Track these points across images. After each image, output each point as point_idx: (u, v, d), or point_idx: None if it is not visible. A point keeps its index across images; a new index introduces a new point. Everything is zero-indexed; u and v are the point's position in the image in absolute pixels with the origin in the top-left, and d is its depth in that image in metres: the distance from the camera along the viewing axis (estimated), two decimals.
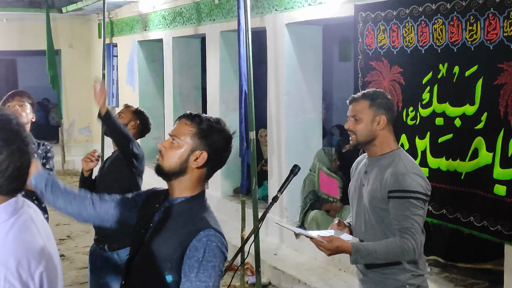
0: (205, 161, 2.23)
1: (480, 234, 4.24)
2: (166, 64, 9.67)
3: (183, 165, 2.22)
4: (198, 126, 2.24)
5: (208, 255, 2.09)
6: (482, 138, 4.18)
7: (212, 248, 2.11)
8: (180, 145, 2.22)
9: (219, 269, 2.12)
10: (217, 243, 2.12)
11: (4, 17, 12.45)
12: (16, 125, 1.61)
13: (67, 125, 13.48)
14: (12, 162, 1.57)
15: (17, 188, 1.62)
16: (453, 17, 4.33)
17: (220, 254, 2.13)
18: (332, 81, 10.24)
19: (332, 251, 2.88)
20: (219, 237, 2.15)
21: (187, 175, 2.24)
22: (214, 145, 2.24)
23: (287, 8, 6.41)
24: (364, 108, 2.99)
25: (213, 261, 2.10)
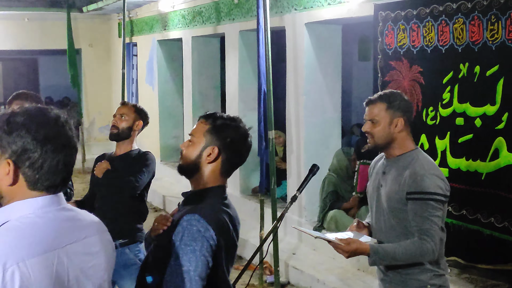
0: (216, 156, 2.28)
1: (500, 235, 4.20)
2: (186, 63, 9.70)
3: (197, 160, 2.29)
4: (212, 123, 2.30)
5: (187, 238, 2.10)
6: (503, 138, 4.15)
7: (191, 232, 2.11)
8: (195, 142, 2.30)
9: (201, 254, 2.09)
10: (198, 227, 2.12)
11: (26, 17, 12.58)
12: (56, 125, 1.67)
13: (87, 123, 13.59)
14: (47, 159, 1.63)
15: (54, 185, 1.67)
16: (474, 16, 4.30)
17: (201, 239, 2.11)
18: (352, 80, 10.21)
19: (350, 253, 2.88)
20: (203, 223, 2.13)
21: (201, 170, 2.30)
22: (227, 141, 2.29)
23: (307, 7, 6.40)
24: (381, 111, 2.97)
25: (192, 245, 2.09)
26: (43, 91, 16.91)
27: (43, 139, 1.63)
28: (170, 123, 10.93)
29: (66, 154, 1.68)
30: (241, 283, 3.41)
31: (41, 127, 1.63)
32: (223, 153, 2.29)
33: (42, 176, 1.64)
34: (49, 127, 1.65)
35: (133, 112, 4.17)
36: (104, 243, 1.78)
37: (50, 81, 16.98)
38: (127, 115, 4.15)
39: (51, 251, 1.60)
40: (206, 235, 2.12)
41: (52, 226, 1.64)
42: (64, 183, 1.70)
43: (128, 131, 4.13)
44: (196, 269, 2.08)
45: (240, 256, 6.67)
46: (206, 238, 2.12)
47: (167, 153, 10.92)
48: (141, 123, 4.18)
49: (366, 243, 2.90)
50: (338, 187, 6.38)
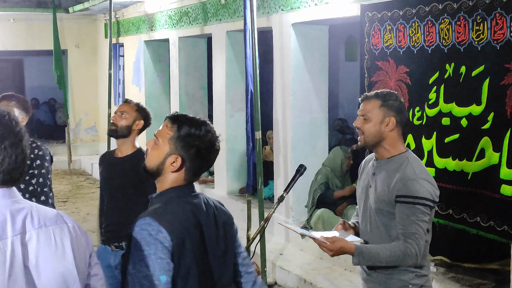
0: (180, 166, 2.23)
1: (486, 234, 4.23)
2: (172, 64, 9.68)
3: (160, 167, 2.25)
4: (177, 130, 2.23)
5: (140, 244, 2.07)
6: (488, 138, 4.17)
7: (143, 236, 2.07)
8: (159, 146, 2.25)
9: (157, 257, 2.06)
10: (149, 231, 2.08)
11: (11, 17, 12.50)
12: (9, 120, 1.72)
13: (73, 125, 13.52)
14: (7, 156, 1.70)
15: (12, 179, 1.73)
16: (460, 17, 4.32)
17: (154, 242, 2.07)
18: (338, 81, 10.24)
19: (335, 252, 2.89)
20: (155, 225, 2.09)
21: (164, 176, 2.25)
22: (191, 151, 2.22)
23: (293, 8, 6.41)
24: (374, 108, 2.98)
25: (146, 250, 2.06)
26: (28, 92, 16.78)
27: (1, 136, 1.69)
28: (157, 124, 10.66)
29: (22, 150, 1.74)
30: None
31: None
32: (186, 162, 2.23)
33: (3, 172, 1.70)
34: (3, 124, 1.71)
35: (134, 111, 4.07)
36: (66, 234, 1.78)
37: (35, 82, 16.86)
38: (128, 113, 4.05)
39: (3, 240, 1.65)
40: (159, 237, 2.08)
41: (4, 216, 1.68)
42: (21, 177, 1.76)
43: (127, 130, 4.02)
44: (154, 273, 2.04)
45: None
46: (159, 240, 2.08)
47: None
48: (141, 123, 4.06)
49: (351, 243, 2.91)
50: (331, 180, 6.43)
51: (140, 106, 4.15)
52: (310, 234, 3.01)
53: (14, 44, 12.94)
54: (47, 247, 1.72)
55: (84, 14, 12.72)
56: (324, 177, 6.40)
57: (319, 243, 2.92)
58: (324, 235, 2.96)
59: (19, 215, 1.71)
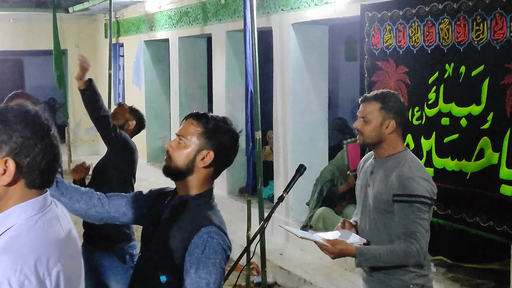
0: (212, 161, 2.23)
1: (486, 234, 4.23)
2: (172, 64, 9.68)
3: (190, 164, 2.23)
4: (204, 125, 2.24)
5: (208, 251, 2.09)
6: (488, 138, 4.17)
7: (212, 245, 2.10)
8: (187, 144, 2.23)
9: (220, 267, 2.10)
10: (218, 240, 2.12)
11: (11, 17, 12.50)
12: (45, 119, 1.62)
13: (73, 124, 13.51)
14: (46, 155, 1.58)
15: (48, 181, 1.63)
16: (459, 17, 4.32)
17: (221, 251, 2.11)
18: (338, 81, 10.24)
19: (336, 254, 2.89)
20: (221, 235, 2.14)
21: (194, 174, 2.24)
22: (221, 145, 2.24)
23: (293, 8, 6.41)
24: (374, 111, 2.97)
25: (213, 258, 2.09)
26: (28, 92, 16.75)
27: (41, 135, 1.58)
28: (157, 124, 10.90)
29: (57, 150, 1.63)
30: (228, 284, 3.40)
31: (35, 123, 1.59)
32: (217, 157, 2.24)
33: (40, 173, 1.58)
34: (41, 123, 1.60)
35: (127, 112, 4.16)
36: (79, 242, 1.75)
37: (35, 82, 16.85)
38: (120, 114, 4.15)
39: None
40: (225, 247, 2.14)
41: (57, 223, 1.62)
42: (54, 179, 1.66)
43: None
44: (215, 281, 2.08)
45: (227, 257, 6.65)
46: (225, 250, 2.14)
47: (154, 154, 10.90)
48: (133, 123, 4.13)
49: (352, 244, 2.91)
50: (336, 178, 6.43)
51: (132, 108, 4.23)
52: (312, 238, 3.00)
53: (14, 44, 12.93)
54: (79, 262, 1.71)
55: (84, 14, 12.71)
56: (330, 173, 6.41)
57: (320, 245, 2.92)
58: (325, 237, 2.96)
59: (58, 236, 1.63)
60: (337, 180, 6.44)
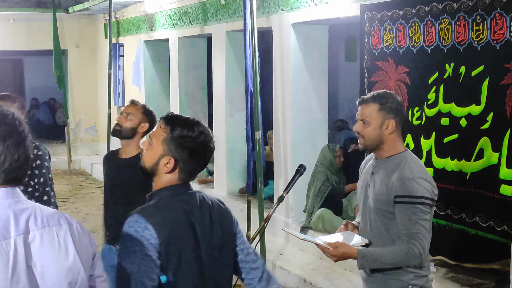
0: (173, 167, 2.24)
1: (485, 234, 4.23)
2: (172, 64, 9.68)
3: (154, 167, 2.27)
4: (170, 132, 2.24)
5: (126, 240, 2.10)
6: (488, 138, 4.17)
7: (130, 233, 2.10)
8: (153, 147, 2.27)
9: (142, 254, 2.08)
10: (135, 228, 2.10)
11: (11, 17, 12.50)
12: (11, 119, 1.72)
13: (73, 124, 13.52)
14: (9, 155, 1.69)
15: (15, 179, 1.73)
16: (459, 17, 4.32)
17: (140, 239, 2.09)
18: (338, 81, 10.24)
19: (338, 257, 2.89)
20: (142, 222, 2.11)
21: (158, 177, 2.28)
22: (184, 152, 2.24)
23: (293, 8, 6.41)
24: (373, 112, 2.97)
25: (132, 247, 2.09)
26: (28, 92, 16.80)
27: (4, 135, 1.68)
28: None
29: (25, 149, 1.73)
30: None
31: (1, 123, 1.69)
32: (180, 163, 2.24)
33: (5, 172, 1.69)
34: (6, 124, 1.70)
35: (140, 113, 4.02)
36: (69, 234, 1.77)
37: (35, 82, 16.86)
38: (133, 115, 4.00)
39: (6, 239, 1.64)
40: (145, 234, 2.10)
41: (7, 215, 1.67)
42: (23, 177, 1.76)
43: (132, 131, 3.98)
44: (139, 270, 2.06)
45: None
46: (145, 237, 2.10)
47: None
48: (146, 125, 4.01)
49: (354, 247, 2.91)
50: (330, 177, 6.42)
51: (146, 108, 4.09)
52: (313, 240, 3.01)
53: (14, 44, 12.94)
54: (51, 247, 1.72)
55: (84, 14, 12.72)
56: (323, 175, 6.39)
57: (322, 248, 2.93)
58: (327, 240, 2.97)
59: (23, 215, 1.70)
60: (331, 179, 6.44)
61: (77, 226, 1.82)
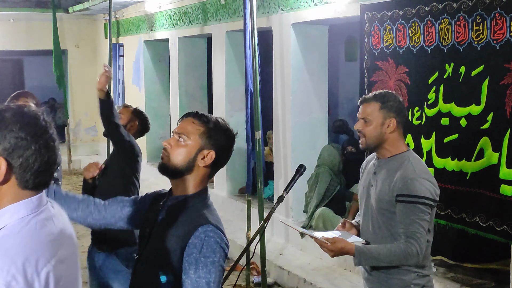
0: (212, 160, 2.24)
1: (485, 234, 4.23)
2: (172, 64, 9.68)
3: (190, 163, 2.22)
4: (205, 125, 2.24)
5: (206, 250, 2.09)
6: (488, 138, 4.17)
7: (210, 243, 2.10)
8: (187, 143, 2.22)
9: (219, 265, 2.11)
10: (216, 238, 2.12)
11: (11, 17, 12.50)
12: (43, 121, 1.63)
13: (73, 124, 13.52)
14: (39, 157, 1.59)
15: (43, 183, 1.64)
16: (459, 16, 4.32)
17: (219, 250, 2.12)
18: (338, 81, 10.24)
19: (335, 252, 2.89)
20: (218, 233, 2.14)
21: (193, 173, 2.24)
22: (221, 144, 2.25)
23: (293, 8, 6.41)
24: (374, 111, 2.98)
25: (211, 257, 2.09)
26: None
27: (36, 136, 1.59)
28: (156, 123, 10.87)
29: (54, 151, 1.64)
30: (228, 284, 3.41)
31: (31, 124, 1.60)
32: (217, 157, 2.25)
33: (34, 174, 1.60)
34: (38, 124, 1.62)
35: (130, 113, 4.19)
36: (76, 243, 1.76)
37: (35, 82, 16.84)
38: (123, 114, 4.17)
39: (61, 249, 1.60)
40: (223, 245, 2.14)
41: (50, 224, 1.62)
42: (51, 180, 1.67)
43: None
44: (215, 280, 2.09)
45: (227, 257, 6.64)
46: (223, 248, 2.14)
47: (154, 154, 10.89)
48: (136, 124, 4.16)
49: (351, 243, 2.91)
50: (333, 178, 6.38)
51: (137, 110, 4.26)
52: (311, 234, 3.01)
53: (14, 44, 12.94)
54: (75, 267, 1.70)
55: (84, 14, 12.72)
56: (328, 175, 6.33)
57: (320, 243, 2.93)
58: (325, 236, 2.97)
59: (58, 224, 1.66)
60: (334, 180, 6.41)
61: None
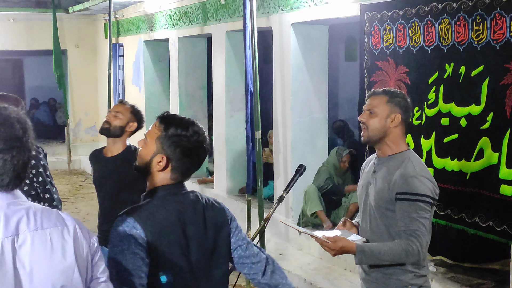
0: (165, 165, 2.25)
1: (485, 234, 4.23)
2: (172, 64, 9.68)
3: (147, 165, 2.28)
4: (163, 130, 2.26)
5: (114, 240, 2.12)
6: (488, 138, 4.17)
7: (118, 232, 2.12)
8: (147, 145, 2.29)
9: (130, 252, 2.09)
10: (123, 227, 2.12)
11: (11, 17, 12.51)
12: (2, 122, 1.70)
13: (73, 124, 13.52)
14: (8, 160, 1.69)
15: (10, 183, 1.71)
16: (459, 16, 4.32)
17: (128, 237, 2.11)
18: (338, 81, 10.24)
19: (336, 251, 2.89)
20: (130, 221, 2.13)
21: (152, 175, 2.29)
22: (177, 150, 2.25)
23: (293, 8, 6.41)
24: (381, 103, 2.99)
25: (119, 246, 2.10)
26: (28, 92, 16.79)
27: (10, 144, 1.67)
28: None
29: (14, 155, 1.70)
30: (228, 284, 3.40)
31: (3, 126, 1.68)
32: (172, 162, 2.25)
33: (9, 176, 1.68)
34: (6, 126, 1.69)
35: (129, 113, 4.07)
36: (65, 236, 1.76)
37: (35, 82, 16.86)
38: (122, 113, 4.05)
39: None
40: (132, 233, 2.12)
41: None
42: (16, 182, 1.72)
43: (120, 130, 4.03)
44: (126, 268, 2.08)
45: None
46: (133, 235, 2.11)
47: None
48: (135, 125, 4.07)
49: (352, 242, 2.91)
50: (333, 176, 6.53)
51: (135, 108, 4.16)
52: (312, 233, 3.01)
53: (14, 44, 12.94)
54: (43, 249, 1.71)
55: (84, 14, 12.72)
56: (327, 173, 6.49)
57: (320, 242, 2.93)
58: (326, 235, 2.97)
59: (14, 217, 1.69)
60: (334, 179, 6.50)
61: (76, 227, 1.80)
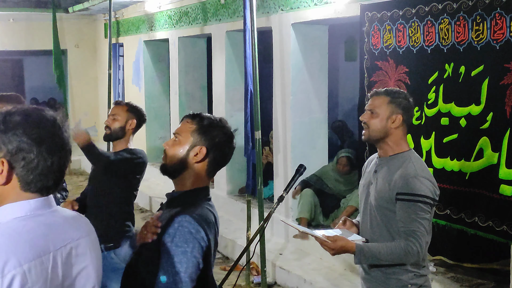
0: (204, 156, 2.28)
1: (485, 234, 4.23)
2: (172, 64, 9.68)
3: (183, 160, 2.29)
4: (198, 123, 2.31)
5: (178, 240, 2.11)
6: (487, 138, 4.18)
7: (183, 233, 2.11)
8: (181, 141, 2.30)
9: (191, 256, 2.10)
10: (190, 229, 2.12)
11: (11, 17, 12.50)
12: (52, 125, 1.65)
13: (73, 124, 13.48)
14: (42, 160, 1.61)
15: (46, 187, 1.65)
16: (459, 17, 4.32)
17: (193, 241, 2.12)
18: (338, 81, 10.24)
19: (336, 250, 2.89)
20: (194, 224, 2.14)
21: (188, 170, 2.30)
22: (213, 141, 2.30)
23: (293, 8, 6.41)
24: (383, 104, 2.99)
25: (183, 247, 2.10)
26: (28, 92, 16.78)
27: (39, 140, 1.61)
28: (156, 124, 10.91)
29: (60, 156, 1.66)
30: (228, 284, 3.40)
31: (37, 127, 1.62)
32: (210, 153, 2.29)
33: (36, 177, 1.62)
34: (45, 128, 1.63)
35: (125, 111, 4.10)
36: (93, 244, 1.77)
37: (35, 82, 16.86)
38: (119, 115, 4.08)
39: (46, 255, 1.58)
40: (197, 237, 2.13)
41: (45, 229, 1.62)
42: (56, 185, 1.67)
43: (121, 131, 4.06)
44: (186, 270, 2.08)
45: (227, 257, 6.66)
46: (197, 239, 2.13)
47: (154, 154, 10.87)
48: (134, 121, 4.08)
49: (352, 241, 2.91)
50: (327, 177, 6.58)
51: (130, 105, 4.17)
52: (312, 233, 3.01)
53: (14, 44, 12.93)
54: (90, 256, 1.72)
55: (84, 14, 12.72)
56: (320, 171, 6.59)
57: (320, 241, 2.93)
58: (326, 234, 2.97)
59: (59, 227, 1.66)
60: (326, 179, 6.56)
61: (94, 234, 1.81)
